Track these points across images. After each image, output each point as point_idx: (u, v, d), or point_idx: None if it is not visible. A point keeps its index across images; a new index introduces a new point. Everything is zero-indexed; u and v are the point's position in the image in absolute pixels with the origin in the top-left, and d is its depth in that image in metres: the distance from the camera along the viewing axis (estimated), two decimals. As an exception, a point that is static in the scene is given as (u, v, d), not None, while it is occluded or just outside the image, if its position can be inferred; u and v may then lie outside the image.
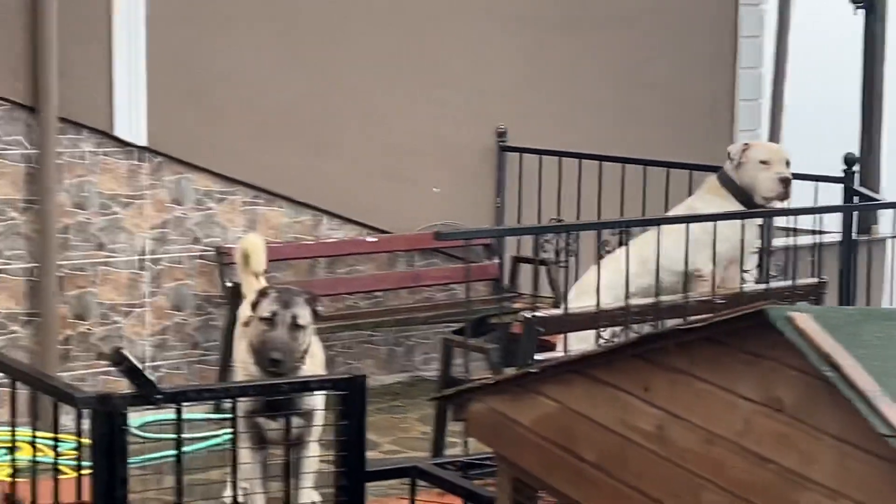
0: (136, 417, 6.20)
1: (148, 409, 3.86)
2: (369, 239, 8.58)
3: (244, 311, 6.12)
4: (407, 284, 8.73)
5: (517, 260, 8.80)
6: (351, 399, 4.10)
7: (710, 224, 6.42)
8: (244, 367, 5.80)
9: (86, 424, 3.93)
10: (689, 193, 8.03)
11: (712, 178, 6.96)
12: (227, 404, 4.54)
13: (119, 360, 3.84)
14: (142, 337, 7.93)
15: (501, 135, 9.07)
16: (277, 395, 4.01)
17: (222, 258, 7.98)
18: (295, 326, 5.65)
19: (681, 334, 3.14)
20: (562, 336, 6.62)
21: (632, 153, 8.56)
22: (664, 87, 9.66)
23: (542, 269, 8.60)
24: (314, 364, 5.84)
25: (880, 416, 2.60)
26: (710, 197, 6.89)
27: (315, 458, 5.77)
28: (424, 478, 4.33)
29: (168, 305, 8.00)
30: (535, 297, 8.66)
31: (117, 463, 3.82)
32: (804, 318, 2.82)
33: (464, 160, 8.98)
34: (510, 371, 6.44)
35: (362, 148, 8.58)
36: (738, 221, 6.50)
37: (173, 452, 6.63)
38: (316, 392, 4.42)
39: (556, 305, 8.46)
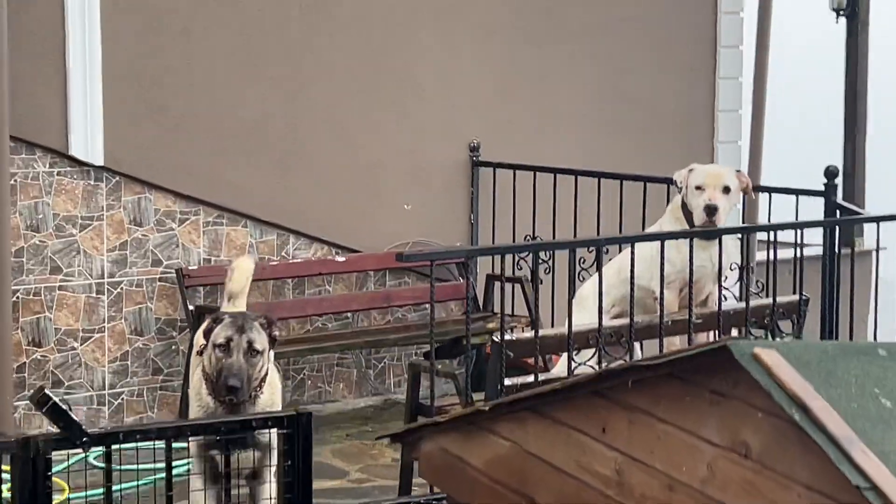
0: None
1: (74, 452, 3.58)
2: (338, 258, 8.31)
3: (198, 338, 5.84)
4: (378, 305, 8.46)
5: (492, 278, 8.53)
6: (295, 438, 3.83)
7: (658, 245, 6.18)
8: (198, 398, 5.52)
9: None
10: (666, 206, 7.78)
11: (676, 199, 6.71)
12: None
13: (43, 402, 3.55)
14: (101, 363, 7.64)
15: (474, 149, 8.80)
16: (215, 434, 3.73)
17: (184, 280, 7.70)
18: (251, 352, 5.37)
19: (640, 371, 2.87)
20: (560, 357, 6.37)
21: (608, 167, 8.30)
22: (641, 98, 9.41)
23: (519, 287, 8.39)
24: (272, 393, 5.55)
25: (853, 465, 2.33)
26: (670, 219, 6.67)
27: (272, 493, 5.50)
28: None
29: (128, 330, 7.72)
30: (512, 316, 8.42)
31: (39, 510, 3.54)
32: (771, 355, 2.55)
33: (436, 176, 8.71)
34: (478, 397, 6.17)
35: (330, 164, 8.31)
36: (684, 243, 6.25)
37: (117, 488, 6.39)
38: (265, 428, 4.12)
39: (532, 325, 8.20)
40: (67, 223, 7.51)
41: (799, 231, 6.72)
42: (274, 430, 4.88)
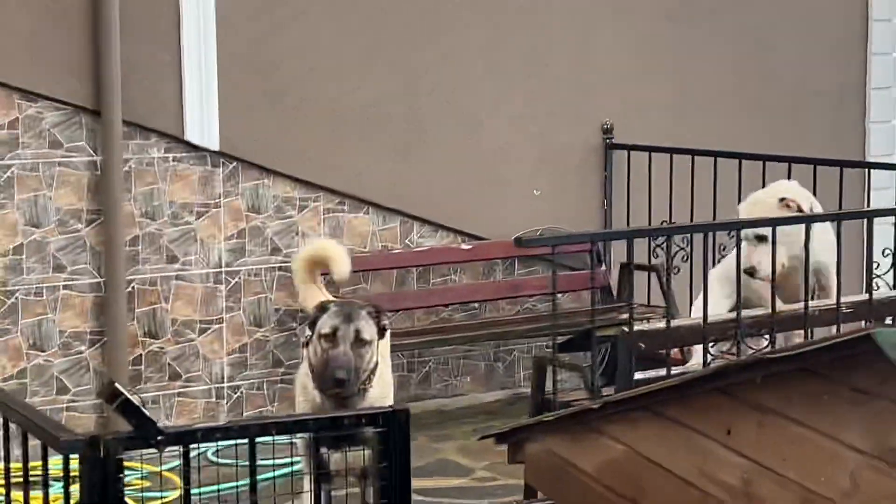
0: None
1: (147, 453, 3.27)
2: (464, 246, 7.96)
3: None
4: (505, 295, 8.08)
5: (626, 267, 8.10)
6: (392, 437, 3.48)
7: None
8: (304, 391, 5.23)
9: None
10: (814, 190, 7.29)
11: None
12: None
13: (112, 396, 3.25)
14: (219, 355, 7.39)
15: (608, 131, 8.37)
16: (303, 431, 3.41)
17: (304, 270, 7.40)
18: (359, 342, 5.05)
19: (770, 364, 2.45)
20: (697, 348, 5.96)
21: (750, 148, 7.81)
22: (786, 75, 8.88)
23: (655, 276, 7.95)
24: (383, 387, 5.23)
25: None
26: None
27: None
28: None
29: (247, 321, 7.46)
30: (647, 306, 7.99)
31: (110, 515, 3.24)
32: (926, 346, 2.12)
33: (567, 160, 8.31)
34: (610, 392, 5.76)
35: (455, 148, 7.95)
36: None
37: (232, 485, 6.11)
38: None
39: (669, 316, 7.77)
40: (183, 210, 7.27)
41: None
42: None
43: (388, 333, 5.25)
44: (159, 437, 3.29)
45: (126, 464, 3.28)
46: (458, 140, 7.96)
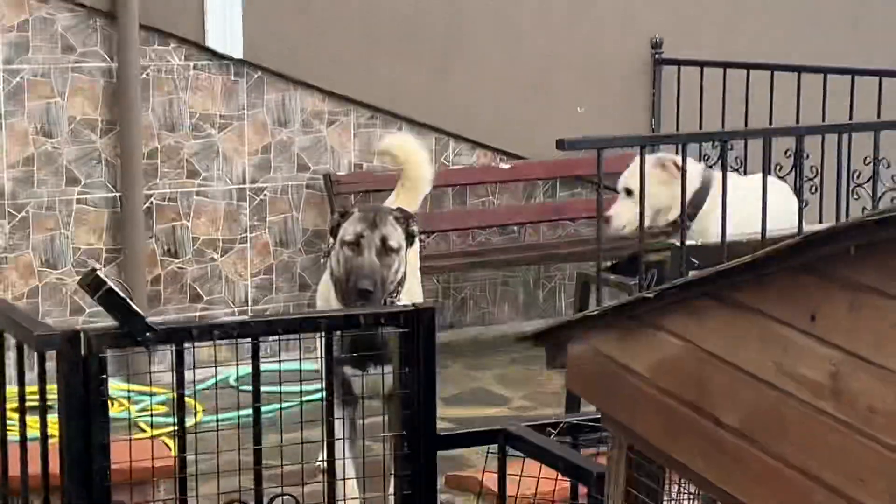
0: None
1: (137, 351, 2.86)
2: (503, 165, 7.51)
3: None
4: (547, 217, 7.63)
5: (675, 187, 7.63)
6: (415, 338, 3.06)
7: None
8: (325, 304, 4.82)
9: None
10: (879, 105, 6.80)
11: None
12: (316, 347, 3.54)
13: (95, 286, 2.84)
14: (243, 277, 6.99)
15: (657, 45, 7.89)
16: (314, 331, 3.00)
17: (333, 187, 6.98)
18: (386, 250, 4.62)
19: (868, 230, 2.00)
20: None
21: (809, 60, 7.30)
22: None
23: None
24: (411, 300, 4.79)
25: None
26: None
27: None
28: (515, 445, 3.26)
29: (272, 241, 7.05)
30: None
31: (94, 424, 2.84)
32: None
33: (613, 74, 7.83)
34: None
35: (494, 61, 7.49)
36: None
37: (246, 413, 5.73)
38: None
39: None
40: (205, 123, 6.84)
41: None
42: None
43: (416, 240, 4.81)
44: (147, 334, 2.88)
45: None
46: (498, 51, 7.49)
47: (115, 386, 5.66)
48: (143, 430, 5.87)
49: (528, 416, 6.23)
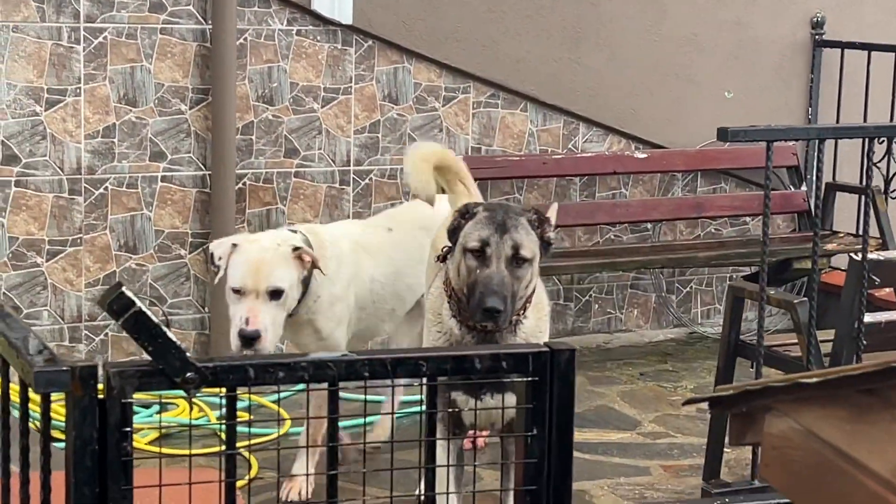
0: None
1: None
2: (638, 155, 6.68)
3: (437, 238, 4.35)
4: (685, 215, 6.80)
5: (833, 188, 6.77)
6: (548, 390, 2.28)
7: None
8: (437, 320, 4.03)
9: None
10: None
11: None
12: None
13: (120, 307, 2.10)
14: (343, 269, 6.24)
15: (817, 25, 7.02)
16: (412, 377, 2.24)
17: (447, 173, 6.20)
18: (517, 260, 3.83)
19: None
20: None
21: None
22: None
23: (867, 199, 6.61)
24: (539, 318, 4.01)
25: None
26: None
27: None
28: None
29: (377, 230, 6.29)
30: (855, 236, 6.67)
31: (111, 492, 2.10)
32: None
33: (766, 57, 6.98)
34: (822, 336, 4.49)
35: (632, 38, 6.66)
36: None
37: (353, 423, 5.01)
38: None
39: (883, 248, 6.44)
40: (307, 95, 6.11)
41: None
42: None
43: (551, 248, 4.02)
44: (189, 374, 2.13)
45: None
46: (636, 28, 6.67)
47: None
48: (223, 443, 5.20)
49: (661, 444, 5.44)
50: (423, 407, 2.34)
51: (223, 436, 5.17)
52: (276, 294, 4.42)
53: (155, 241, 5.93)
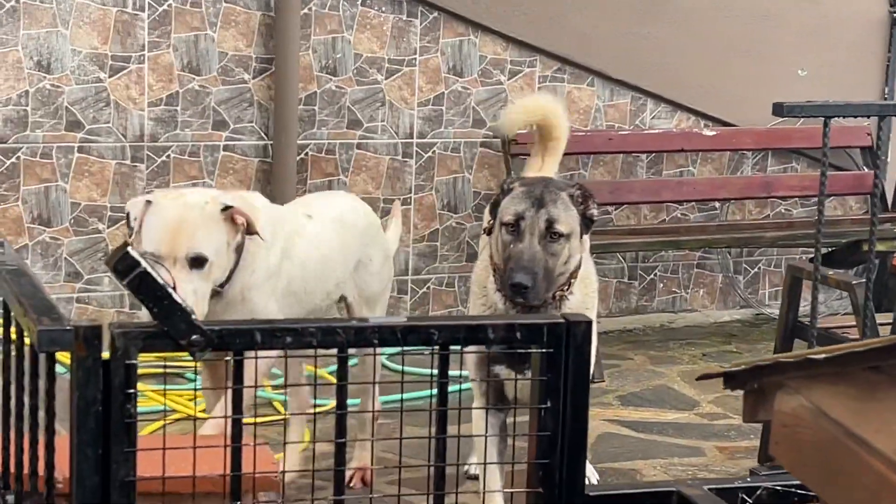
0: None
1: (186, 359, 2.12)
2: (707, 132, 6.58)
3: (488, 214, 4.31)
4: (754, 194, 6.69)
5: (905, 169, 6.64)
6: (562, 362, 2.23)
7: None
8: (482, 293, 4.00)
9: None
10: None
11: None
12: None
13: (125, 267, 2.08)
14: (404, 242, 6.22)
15: (895, 3, 6.85)
16: (424, 345, 2.20)
17: (510, 147, 6.14)
18: (552, 235, 3.77)
19: None
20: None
21: None
22: None
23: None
24: (586, 294, 3.95)
25: None
26: None
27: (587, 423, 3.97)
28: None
29: (439, 204, 6.27)
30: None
31: (114, 453, 2.09)
32: None
33: (842, 33, 6.83)
34: (881, 319, 4.39)
35: (703, 14, 6.56)
36: None
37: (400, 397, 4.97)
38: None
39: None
40: (371, 67, 6.08)
41: None
42: (586, 333, 3.30)
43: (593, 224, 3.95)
44: (194, 336, 2.11)
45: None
46: (708, 3, 6.57)
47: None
48: (279, 412, 5.19)
49: (718, 425, 5.35)
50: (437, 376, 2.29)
51: (278, 406, 5.17)
52: (197, 262, 3.69)
53: (216, 209, 5.92)
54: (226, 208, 3.75)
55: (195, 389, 4.99)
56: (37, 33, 5.54)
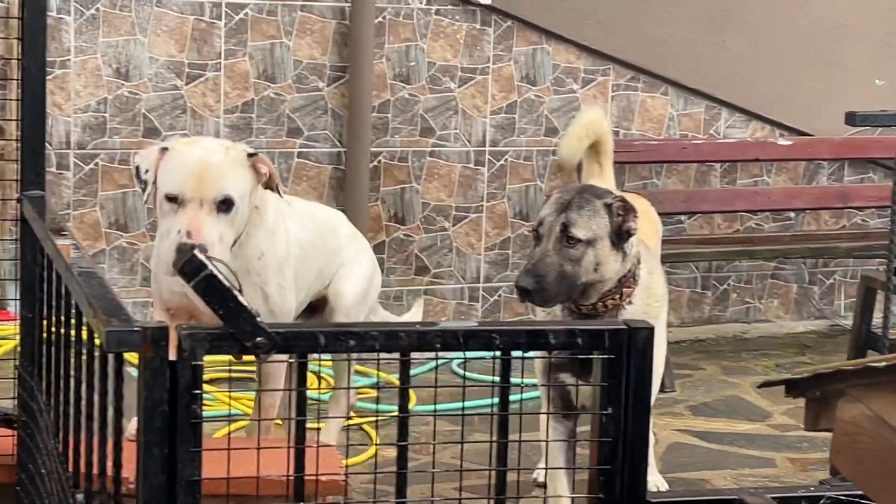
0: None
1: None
2: (782, 142, 6.53)
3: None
4: (830, 204, 6.63)
5: None
6: (624, 368, 2.24)
7: None
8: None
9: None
10: None
11: None
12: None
13: (192, 269, 2.12)
14: (476, 250, 6.25)
15: (975, 11, 6.78)
16: (485, 349, 2.22)
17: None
18: (566, 240, 3.74)
19: None
20: None
21: None
22: None
23: None
24: (648, 303, 3.94)
25: None
26: None
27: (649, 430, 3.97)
28: (754, 525, 2.41)
29: (511, 212, 6.28)
30: None
31: (180, 452, 2.13)
32: None
33: (920, 44, 6.76)
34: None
35: (778, 21, 6.51)
36: None
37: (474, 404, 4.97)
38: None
39: None
40: (444, 75, 6.11)
41: None
42: (652, 340, 3.30)
43: (659, 238, 3.94)
44: (259, 339, 2.14)
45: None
46: (783, 12, 6.52)
47: (319, 360, 5.03)
48: (350, 417, 5.24)
49: (790, 437, 5.31)
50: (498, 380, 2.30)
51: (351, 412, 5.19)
52: (225, 205, 3.48)
53: (290, 216, 5.98)
54: (250, 155, 3.60)
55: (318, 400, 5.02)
56: (115, 41, 5.63)
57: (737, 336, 6.65)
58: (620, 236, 3.77)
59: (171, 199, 3.46)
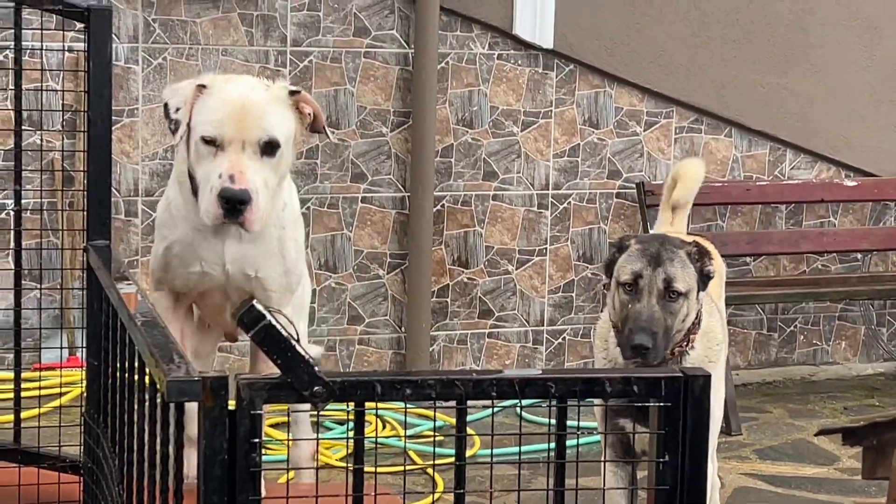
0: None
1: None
2: (848, 183, 6.51)
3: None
4: (897, 245, 6.59)
5: None
6: (681, 416, 2.23)
7: None
8: (604, 347, 4.00)
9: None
10: None
11: None
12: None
13: (251, 320, 2.15)
14: (539, 293, 6.25)
15: None
16: (542, 398, 2.23)
17: (647, 198, 6.15)
18: (670, 294, 3.75)
19: None
20: None
21: None
22: None
23: None
24: (709, 347, 3.93)
25: None
26: None
27: (711, 477, 3.96)
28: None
29: (575, 255, 6.29)
30: None
31: (238, 491, 2.15)
32: None
33: None
34: None
35: (843, 61, 6.50)
36: None
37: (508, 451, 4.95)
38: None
39: None
40: (507, 119, 6.14)
41: None
42: (709, 387, 3.30)
43: (722, 280, 3.93)
44: (316, 388, 2.16)
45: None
46: (847, 53, 6.50)
47: (386, 405, 5.06)
48: (414, 462, 5.25)
49: (859, 481, 5.26)
50: (555, 428, 2.31)
51: (413, 454, 5.22)
52: (269, 147, 3.12)
53: (354, 260, 6.03)
54: (293, 93, 3.22)
55: (328, 438, 5.09)
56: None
57: (804, 378, 6.60)
58: (704, 282, 3.78)
59: (209, 141, 3.11)
